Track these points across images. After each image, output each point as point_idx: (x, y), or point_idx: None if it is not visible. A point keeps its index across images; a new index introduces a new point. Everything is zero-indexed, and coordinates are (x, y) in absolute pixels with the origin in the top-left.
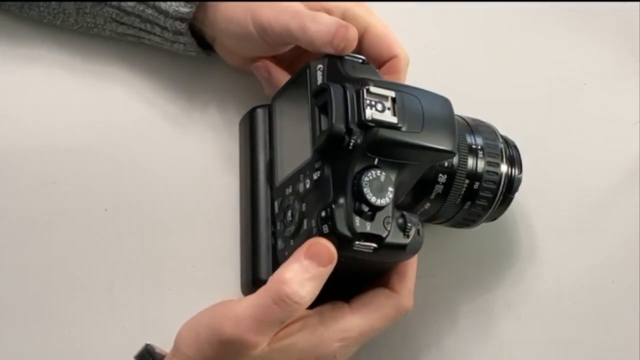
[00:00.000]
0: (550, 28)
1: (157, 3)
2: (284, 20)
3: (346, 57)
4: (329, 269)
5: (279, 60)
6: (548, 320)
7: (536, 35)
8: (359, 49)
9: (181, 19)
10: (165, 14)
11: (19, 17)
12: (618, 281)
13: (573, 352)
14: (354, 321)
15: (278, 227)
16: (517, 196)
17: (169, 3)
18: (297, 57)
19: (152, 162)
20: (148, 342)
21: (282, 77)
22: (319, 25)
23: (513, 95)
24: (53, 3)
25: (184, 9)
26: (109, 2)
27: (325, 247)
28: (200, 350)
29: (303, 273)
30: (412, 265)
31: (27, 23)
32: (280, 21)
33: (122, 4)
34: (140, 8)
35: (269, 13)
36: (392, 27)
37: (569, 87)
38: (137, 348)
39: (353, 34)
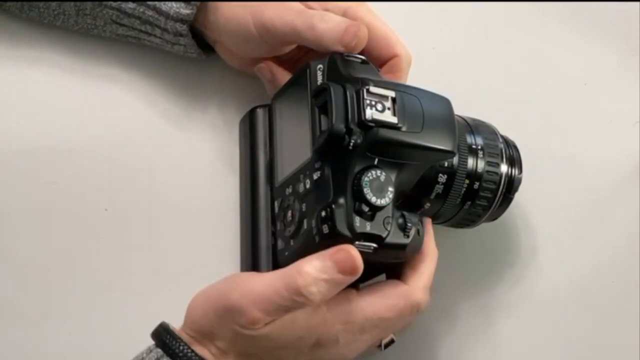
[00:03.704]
0: (550, 28)
1: (157, 4)
2: (288, 19)
3: (346, 57)
4: (349, 280)
5: (281, 61)
6: (548, 320)
7: (536, 35)
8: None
9: (182, 21)
10: (166, 15)
11: (19, 17)
12: (618, 281)
13: (573, 352)
14: (359, 305)
15: (278, 227)
16: (517, 196)
17: (169, 4)
18: (299, 57)
19: (152, 162)
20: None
21: (285, 77)
22: (327, 23)
23: (513, 95)
24: (53, 4)
25: (185, 10)
26: (109, 4)
27: (352, 259)
28: (205, 314)
29: (321, 272)
30: (427, 261)
31: (28, 24)
32: (284, 20)
33: (123, 5)
34: (141, 10)
35: (271, 12)
36: (392, 27)
37: (569, 87)
38: (137, 348)
39: (364, 32)
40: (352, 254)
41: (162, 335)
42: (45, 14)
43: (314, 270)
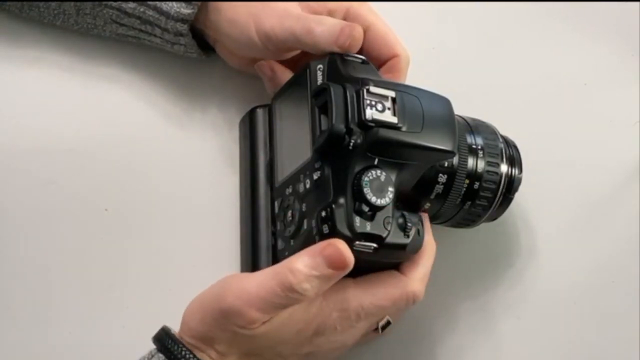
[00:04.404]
0: (550, 28)
1: (158, 4)
2: (288, 25)
3: (346, 57)
4: (340, 274)
5: (282, 60)
6: (548, 320)
7: (536, 35)
8: (360, 48)
9: (182, 20)
10: (167, 15)
11: (19, 17)
12: (618, 281)
13: (573, 351)
14: (354, 293)
15: (278, 227)
16: (517, 196)
17: (170, 4)
18: (300, 57)
19: (152, 162)
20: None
21: (286, 75)
22: (323, 26)
23: (513, 95)
24: (53, 4)
25: (186, 10)
26: (109, 3)
27: (342, 254)
28: (202, 319)
29: (312, 269)
30: (425, 254)
31: (28, 23)
32: (284, 26)
33: (123, 5)
34: (141, 9)
35: (272, 20)
36: (391, 27)
37: (569, 87)
38: (137, 348)
39: (359, 32)
40: (340, 249)
41: (164, 340)
42: (45, 14)
43: (305, 267)
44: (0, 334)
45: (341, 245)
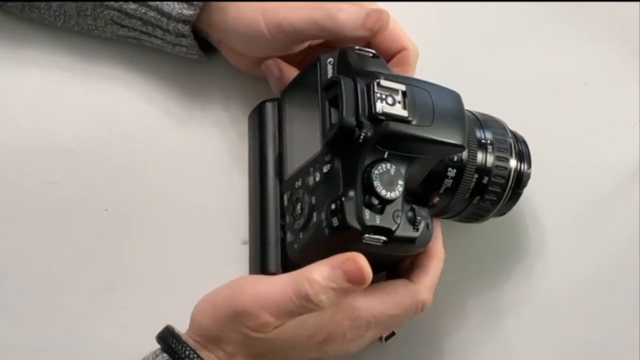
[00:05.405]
0: (550, 28)
1: (159, 5)
2: (304, 14)
3: (357, 51)
4: (357, 289)
5: (289, 59)
6: (553, 318)
7: (536, 35)
8: (369, 42)
9: (184, 21)
10: (168, 16)
11: (20, 18)
12: (619, 280)
13: (576, 349)
14: (366, 302)
15: (287, 220)
16: (524, 192)
17: (172, 5)
18: (307, 54)
19: (153, 162)
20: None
21: (293, 74)
22: (347, 12)
23: (513, 95)
24: (54, 5)
25: (188, 11)
26: (110, 4)
27: (361, 269)
28: (213, 318)
29: (330, 281)
30: (435, 261)
31: (28, 24)
32: (300, 15)
33: (124, 6)
34: (142, 10)
35: (284, 11)
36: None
37: (569, 87)
38: (137, 348)
39: (387, 15)
40: (360, 265)
41: (168, 339)
42: (46, 15)
43: (323, 278)
44: (0, 334)
45: (361, 260)
